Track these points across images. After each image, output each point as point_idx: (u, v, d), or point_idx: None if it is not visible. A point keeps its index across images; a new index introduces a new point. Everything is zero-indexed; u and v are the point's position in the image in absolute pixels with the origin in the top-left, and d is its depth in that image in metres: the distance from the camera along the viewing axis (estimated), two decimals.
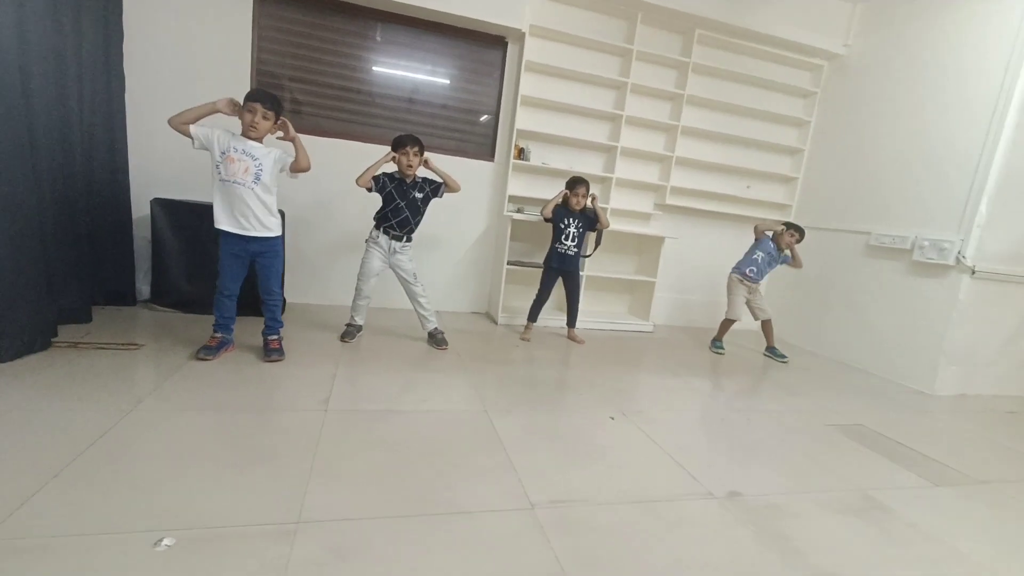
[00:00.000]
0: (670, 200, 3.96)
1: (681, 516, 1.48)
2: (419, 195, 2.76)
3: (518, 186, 3.71)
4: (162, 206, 2.81)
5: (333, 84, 3.36)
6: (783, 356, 3.53)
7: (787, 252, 3.53)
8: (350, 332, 2.86)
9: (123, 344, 2.28)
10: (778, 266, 3.60)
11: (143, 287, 3.00)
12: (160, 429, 1.61)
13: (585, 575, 1.18)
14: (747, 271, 3.55)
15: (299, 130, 3.09)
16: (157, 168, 2.99)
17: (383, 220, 2.76)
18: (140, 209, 2.90)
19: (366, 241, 2.81)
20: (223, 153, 2.15)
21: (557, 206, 3.23)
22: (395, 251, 2.78)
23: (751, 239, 3.63)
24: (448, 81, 3.57)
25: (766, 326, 3.65)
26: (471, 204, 3.71)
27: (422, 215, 2.82)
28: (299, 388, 2.07)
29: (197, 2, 2.96)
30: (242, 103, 2.16)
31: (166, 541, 1.13)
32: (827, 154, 4.08)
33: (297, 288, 3.44)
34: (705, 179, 4.13)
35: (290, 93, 3.29)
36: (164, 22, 2.91)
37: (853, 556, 1.38)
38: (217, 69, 3.05)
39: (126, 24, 2.75)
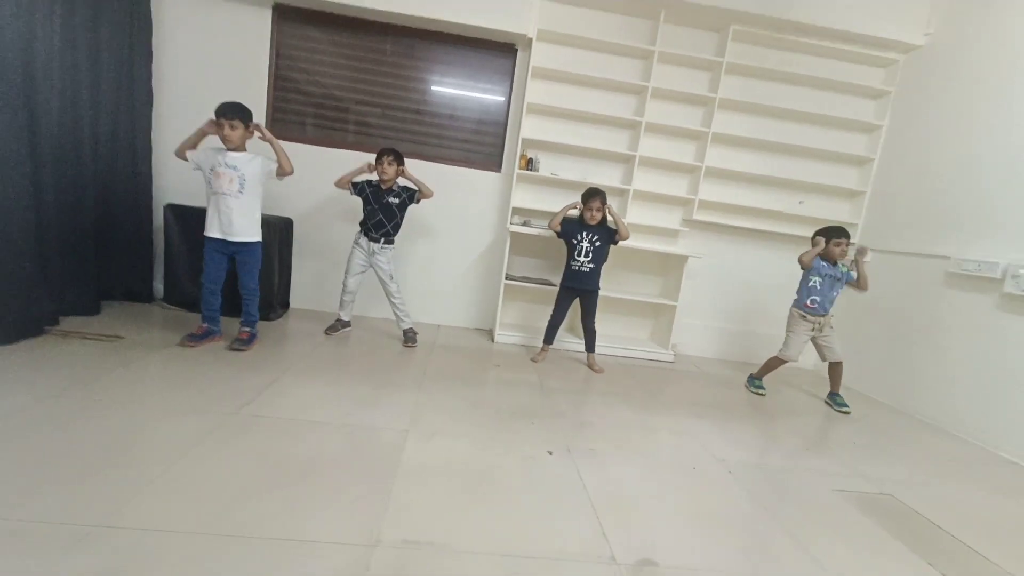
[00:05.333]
0: (698, 215, 3.53)
1: None
2: (394, 200, 2.91)
3: (526, 198, 3.53)
4: (173, 211, 3.03)
5: (344, 97, 3.46)
6: (845, 405, 2.88)
7: (844, 266, 2.89)
8: (335, 327, 3.08)
9: (106, 335, 2.44)
10: (843, 287, 2.89)
11: (159, 286, 3.24)
12: (50, 422, 1.64)
13: None
14: (807, 303, 2.91)
15: (310, 142, 3.28)
16: (180, 177, 3.23)
17: (363, 224, 2.96)
18: (160, 213, 3.16)
19: (353, 243, 3.01)
20: (212, 169, 2.39)
21: (570, 220, 3.01)
22: (374, 252, 2.96)
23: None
24: (457, 92, 3.52)
25: (834, 369, 2.97)
26: (478, 216, 3.60)
27: (398, 219, 2.96)
28: (230, 390, 2.04)
29: (220, 23, 3.21)
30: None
31: None
32: (901, 163, 3.41)
33: (301, 294, 3.53)
34: (745, 193, 3.64)
35: (304, 107, 3.44)
36: (189, 42, 3.19)
37: None
38: (238, 85, 3.27)
39: (155, 45, 3.04)
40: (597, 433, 2.12)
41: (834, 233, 2.86)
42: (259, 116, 3.33)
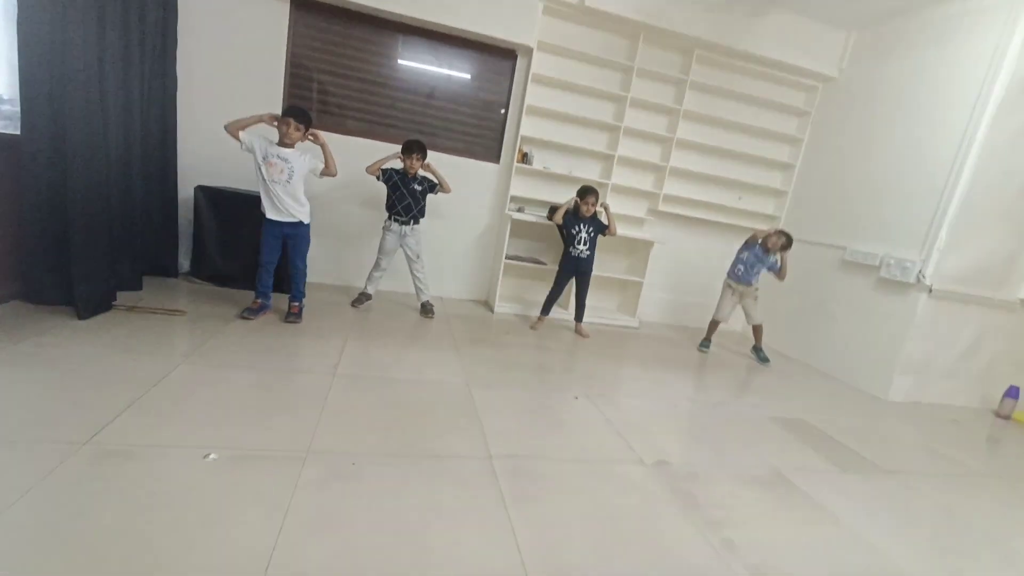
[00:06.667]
0: (662, 207, 4.26)
1: (611, 473, 1.84)
2: (418, 188, 3.33)
3: (520, 188, 4.05)
4: (204, 192, 3.22)
5: (357, 88, 3.73)
6: (765, 359, 3.80)
7: (775, 258, 3.68)
8: (360, 300, 3.46)
9: (171, 310, 2.71)
10: (764, 270, 3.73)
11: (184, 261, 3.43)
12: (205, 378, 2.03)
13: (520, 507, 1.55)
14: (736, 271, 3.77)
15: (324, 128, 3.53)
16: (201, 157, 3.39)
17: (391, 209, 3.33)
18: (184, 192, 3.33)
19: (383, 228, 3.40)
20: (264, 159, 2.67)
21: (568, 213, 3.56)
22: (405, 234, 3.37)
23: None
24: (461, 88, 3.90)
25: (756, 330, 3.88)
26: (476, 201, 4.06)
27: (422, 204, 3.37)
28: (315, 355, 2.47)
29: (240, 13, 3.34)
30: (280, 116, 2.60)
31: (212, 455, 1.53)
32: (815, 171, 4.32)
33: (317, 270, 3.84)
34: (698, 189, 4.40)
35: (318, 94, 3.67)
36: (212, 30, 3.30)
37: (743, 513, 1.73)
38: (256, 72, 3.45)
39: (180, 31, 3.14)
40: (602, 382, 2.80)
41: (783, 232, 3.63)
42: (276, 102, 3.54)
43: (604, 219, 3.61)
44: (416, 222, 3.38)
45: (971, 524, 1.96)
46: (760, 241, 3.67)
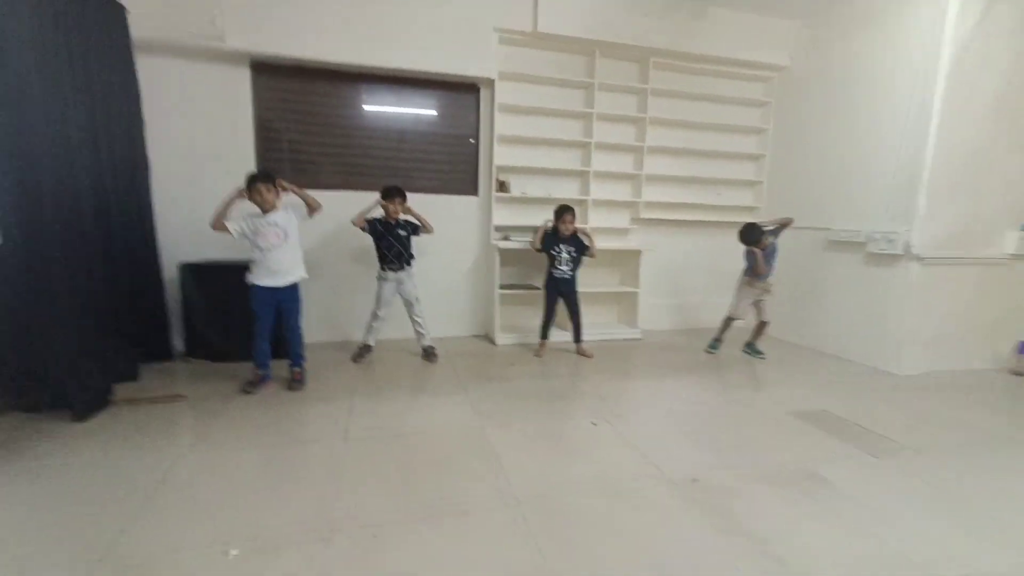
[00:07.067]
0: (644, 214, 4.29)
1: (645, 501, 1.79)
2: (403, 232, 3.31)
3: (503, 216, 4.06)
4: (189, 269, 3.19)
5: (328, 141, 3.75)
6: (761, 353, 3.75)
7: (773, 243, 3.56)
8: (361, 353, 3.40)
9: (170, 396, 2.64)
10: (777, 254, 3.61)
11: (178, 342, 3.37)
12: (213, 465, 1.96)
13: (557, 558, 1.50)
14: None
15: (300, 186, 3.50)
16: (181, 233, 3.35)
17: (383, 259, 3.31)
18: (169, 271, 3.30)
19: (377, 279, 3.37)
20: (255, 232, 2.67)
21: (547, 235, 3.56)
22: (402, 280, 3.35)
23: (728, 243, 3.83)
24: (430, 127, 3.94)
25: (763, 326, 3.75)
26: (461, 237, 4.06)
27: (410, 248, 3.35)
28: (323, 421, 2.41)
29: (203, 84, 3.37)
30: (246, 187, 2.64)
31: (234, 552, 1.47)
32: (786, 158, 4.39)
33: (312, 329, 3.79)
34: (676, 192, 4.45)
35: (289, 154, 3.68)
36: (175, 106, 3.32)
37: (783, 520, 1.69)
38: (225, 140, 3.47)
39: (146, 113, 3.14)
40: (616, 402, 2.76)
41: (755, 238, 3.52)
42: (248, 167, 3.53)
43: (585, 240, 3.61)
44: (409, 265, 3.37)
45: (1018, 495, 1.93)
46: (757, 252, 3.56)
